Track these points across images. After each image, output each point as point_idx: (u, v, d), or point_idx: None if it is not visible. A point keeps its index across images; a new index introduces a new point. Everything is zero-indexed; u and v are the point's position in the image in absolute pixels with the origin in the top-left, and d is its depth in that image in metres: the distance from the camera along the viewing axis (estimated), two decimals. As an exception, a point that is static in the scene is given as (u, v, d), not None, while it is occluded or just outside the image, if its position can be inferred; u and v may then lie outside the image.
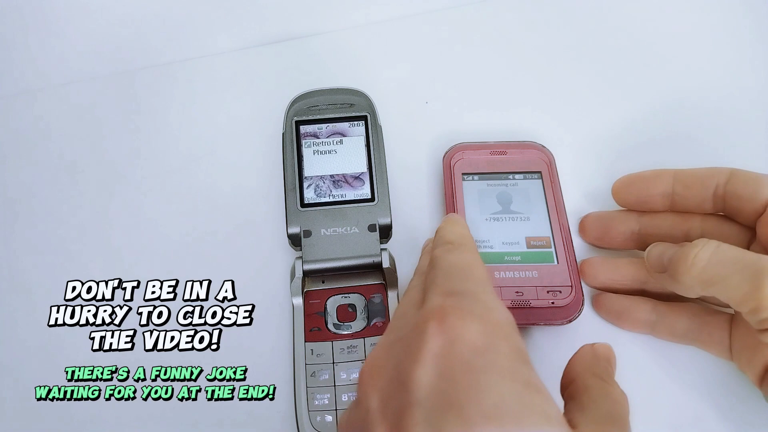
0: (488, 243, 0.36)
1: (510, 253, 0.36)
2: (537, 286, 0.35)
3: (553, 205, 0.37)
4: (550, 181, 0.38)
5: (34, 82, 0.47)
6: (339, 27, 0.48)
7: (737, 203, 0.32)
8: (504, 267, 0.36)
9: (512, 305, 0.34)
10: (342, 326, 0.34)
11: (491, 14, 0.48)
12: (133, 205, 0.41)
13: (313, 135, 0.38)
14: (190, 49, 0.48)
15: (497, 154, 0.40)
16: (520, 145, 0.40)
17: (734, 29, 0.47)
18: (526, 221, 0.37)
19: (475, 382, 0.21)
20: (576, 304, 0.34)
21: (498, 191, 0.38)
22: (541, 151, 0.40)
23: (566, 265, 0.35)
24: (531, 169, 0.39)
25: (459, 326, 0.23)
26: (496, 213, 0.37)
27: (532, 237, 0.36)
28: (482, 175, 0.39)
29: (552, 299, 0.34)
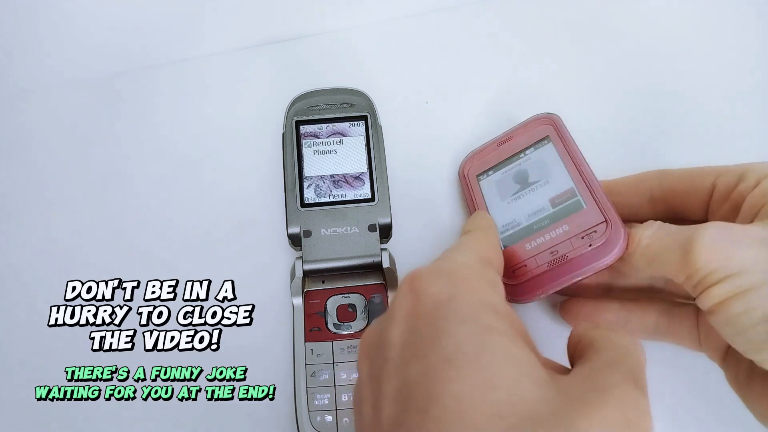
0: (515, 222, 0.36)
1: (537, 221, 0.35)
2: (570, 237, 0.33)
3: (567, 158, 0.36)
4: (560, 139, 0.37)
5: (34, 82, 0.47)
6: (339, 27, 0.48)
7: (680, 200, 0.32)
8: (534, 236, 0.34)
9: (549, 266, 0.33)
10: (342, 326, 0.34)
11: (491, 14, 0.48)
12: (134, 205, 0.41)
13: (313, 135, 0.38)
14: (190, 49, 0.48)
15: (503, 142, 0.39)
16: (522, 125, 0.39)
17: (749, 24, 0.47)
18: (546, 185, 0.36)
19: (437, 330, 0.22)
20: (615, 237, 0.32)
21: (514, 173, 0.38)
22: (544, 118, 0.38)
23: (594, 204, 0.33)
24: (537, 138, 0.38)
25: (425, 283, 0.24)
26: (515, 193, 0.37)
27: (556, 196, 0.35)
28: (495, 167, 0.39)
29: (588, 242, 0.32)
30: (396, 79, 0.45)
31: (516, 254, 0.34)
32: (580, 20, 0.47)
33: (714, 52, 0.45)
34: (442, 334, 0.22)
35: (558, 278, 0.32)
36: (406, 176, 0.41)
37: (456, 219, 0.40)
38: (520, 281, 0.33)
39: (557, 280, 0.32)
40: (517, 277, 0.33)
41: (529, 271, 0.33)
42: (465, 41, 0.47)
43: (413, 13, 0.48)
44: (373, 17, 0.48)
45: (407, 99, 0.44)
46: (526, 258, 0.34)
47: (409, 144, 0.42)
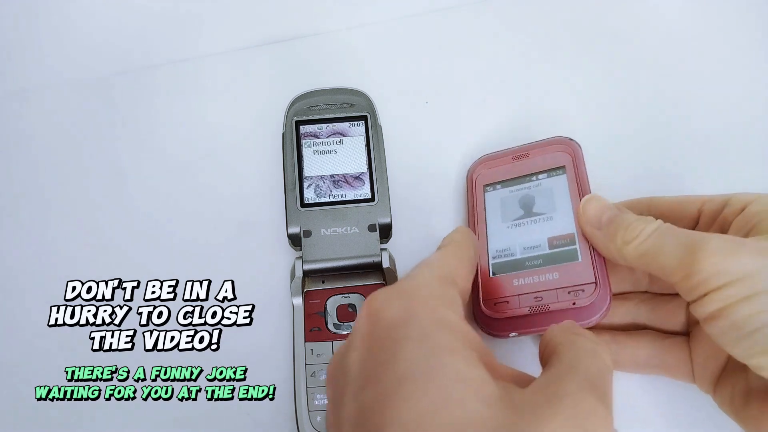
0: (509, 251, 0.35)
1: (531, 257, 0.34)
2: (557, 288, 0.32)
3: (577, 197, 0.34)
4: (575, 174, 0.35)
5: (34, 82, 0.47)
6: (339, 27, 0.48)
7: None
8: (523, 273, 0.33)
9: (531, 311, 0.32)
10: (342, 326, 0.34)
11: (492, 14, 0.48)
12: (134, 205, 0.41)
13: (313, 135, 0.38)
14: (190, 49, 0.48)
15: (519, 158, 0.38)
16: (543, 144, 0.37)
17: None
18: (548, 221, 0.35)
19: (390, 353, 0.22)
20: (601, 302, 0.31)
21: (520, 196, 0.36)
22: (566, 144, 0.37)
23: (590, 261, 0.32)
24: (554, 165, 0.36)
25: (381, 305, 0.24)
26: (517, 218, 0.36)
27: (555, 236, 0.34)
28: (504, 182, 0.37)
29: (573, 299, 0.32)
30: (396, 79, 0.45)
31: (502, 287, 0.33)
32: (580, 20, 0.47)
33: (722, 61, 0.45)
34: (394, 357, 0.22)
35: (535, 326, 0.32)
36: (406, 176, 0.41)
37: (456, 219, 0.40)
38: (498, 317, 0.33)
39: (534, 327, 0.32)
40: (497, 311, 0.33)
41: (510, 309, 0.33)
42: (465, 41, 0.47)
43: (413, 13, 0.48)
44: (373, 17, 0.48)
45: (407, 99, 0.44)
46: (510, 294, 0.33)
47: (409, 144, 0.42)
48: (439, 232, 0.39)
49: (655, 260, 0.28)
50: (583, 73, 0.45)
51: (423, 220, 0.40)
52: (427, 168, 0.42)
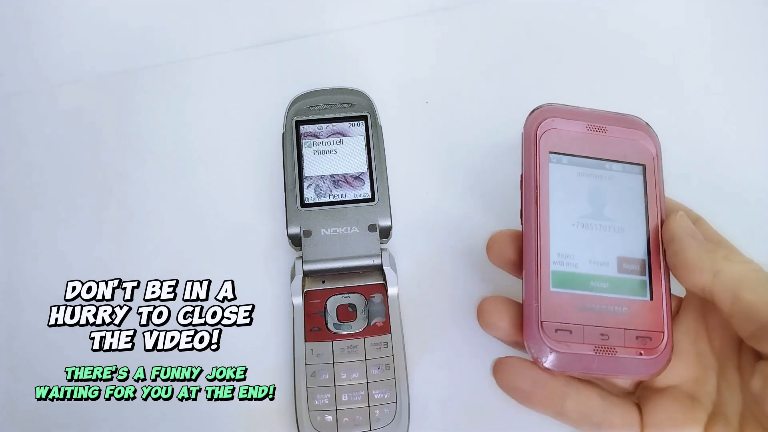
0: (572, 260, 0.29)
1: (597, 276, 0.28)
2: (626, 328, 0.28)
3: (655, 214, 0.29)
4: (654, 181, 0.30)
5: (34, 82, 0.47)
6: (339, 27, 0.48)
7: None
8: (589, 297, 0.28)
9: (595, 351, 0.27)
10: (342, 326, 0.34)
11: (492, 14, 0.48)
12: (133, 205, 0.41)
13: (313, 135, 0.38)
14: (190, 49, 0.48)
15: (595, 130, 0.30)
16: (621, 119, 0.31)
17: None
18: (619, 233, 0.29)
19: None
20: (665, 356, 0.28)
21: (590, 185, 0.30)
22: (646, 133, 0.31)
23: (662, 304, 0.28)
24: (633, 159, 0.30)
25: None
26: (585, 216, 0.29)
27: (625, 258, 0.29)
28: (573, 158, 0.30)
29: (641, 348, 0.27)
30: (396, 79, 0.45)
31: (566, 309, 0.28)
32: (581, 20, 0.47)
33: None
34: None
35: (596, 369, 0.27)
36: (405, 176, 0.41)
37: (456, 219, 0.40)
38: (559, 350, 0.27)
39: (594, 371, 0.27)
40: (558, 340, 0.27)
41: (572, 344, 0.27)
42: (465, 41, 0.47)
43: (413, 13, 0.48)
44: (373, 17, 0.48)
45: (407, 99, 0.44)
46: (574, 322, 0.28)
47: (409, 144, 0.42)
48: (439, 232, 0.39)
49: (759, 289, 0.25)
50: (584, 74, 0.45)
51: (423, 220, 0.40)
52: (427, 168, 0.42)
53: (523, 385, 0.28)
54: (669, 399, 0.29)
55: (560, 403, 0.28)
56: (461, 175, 0.41)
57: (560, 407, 0.28)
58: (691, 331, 0.29)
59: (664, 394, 0.29)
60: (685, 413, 0.28)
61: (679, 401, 0.28)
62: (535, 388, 0.28)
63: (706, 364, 0.29)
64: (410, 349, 0.35)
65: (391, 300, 0.35)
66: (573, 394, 0.28)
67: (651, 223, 0.29)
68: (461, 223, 0.39)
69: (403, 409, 0.32)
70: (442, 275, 0.38)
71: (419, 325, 0.36)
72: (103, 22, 0.48)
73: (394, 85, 0.45)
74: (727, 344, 0.28)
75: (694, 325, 0.30)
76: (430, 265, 0.39)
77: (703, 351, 0.29)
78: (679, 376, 0.29)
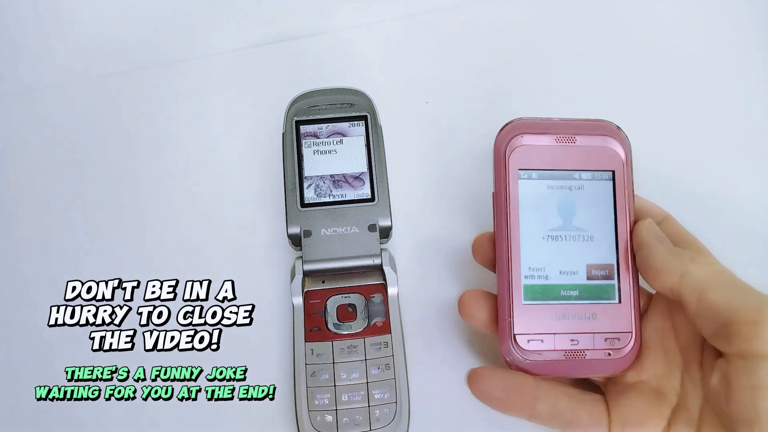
0: (543, 272, 0.30)
1: (567, 286, 0.30)
2: (595, 332, 0.29)
3: (624, 219, 0.30)
4: (624, 187, 0.31)
5: (34, 82, 0.47)
6: (339, 27, 0.48)
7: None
8: (560, 307, 0.30)
9: (565, 357, 0.29)
10: (342, 326, 0.34)
11: (492, 14, 0.48)
12: (133, 205, 0.41)
13: (313, 135, 0.38)
14: (190, 49, 0.48)
15: (564, 141, 0.31)
16: (591, 126, 0.31)
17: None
18: (588, 242, 0.30)
19: None
20: (633, 354, 0.30)
21: (560, 197, 0.31)
22: (616, 137, 0.31)
23: (629, 305, 0.30)
24: (602, 166, 0.31)
25: None
26: (555, 229, 0.31)
27: (594, 264, 0.30)
28: (543, 172, 0.31)
29: (609, 348, 0.29)
30: (396, 79, 0.45)
31: (537, 320, 0.30)
32: (581, 20, 0.47)
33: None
34: None
35: (567, 372, 0.30)
36: (406, 176, 0.41)
37: (456, 218, 0.40)
38: (532, 359, 0.30)
39: (565, 373, 0.30)
40: (530, 352, 0.30)
41: (545, 352, 0.30)
42: (465, 41, 0.47)
43: (413, 12, 0.48)
44: (373, 17, 0.48)
45: (407, 99, 0.44)
46: (546, 331, 0.30)
47: (409, 144, 0.42)
48: (439, 233, 0.39)
49: (723, 291, 0.26)
50: (584, 74, 0.45)
51: (423, 220, 0.40)
52: (427, 168, 0.42)
53: (497, 393, 0.30)
54: (636, 393, 0.30)
55: (531, 406, 0.30)
56: (461, 175, 0.41)
57: (532, 410, 0.30)
58: (659, 329, 0.31)
59: (631, 389, 0.30)
60: (650, 407, 0.29)
61: (645, 395, 0.30)
62: (508, 394, 0.30)
63: (672, 360, 0.30)
64: (410, 349, 0.35)
65: (391, 300, 0.35)
66: (543, 397, 0.30)
67: (620, 228, 0.30)
68: (461, 222, 0.39)
69: (403, 409, 0.32)
70: (442, 275, 0.38)
71: (419, 325, 0.36)
72: (103, 23, 0.48)
73: (394, 85, 0.45)
74: (691, 342, 0.29)
75: (661, 323, 0.31)
76: (429, 265, 0.39)
77: (669, 348, 0.30)
78: (646, 371, 0.30)
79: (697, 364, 0.29)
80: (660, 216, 0.32)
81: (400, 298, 0.35)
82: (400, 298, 0.35)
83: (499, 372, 0.30)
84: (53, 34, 0.48)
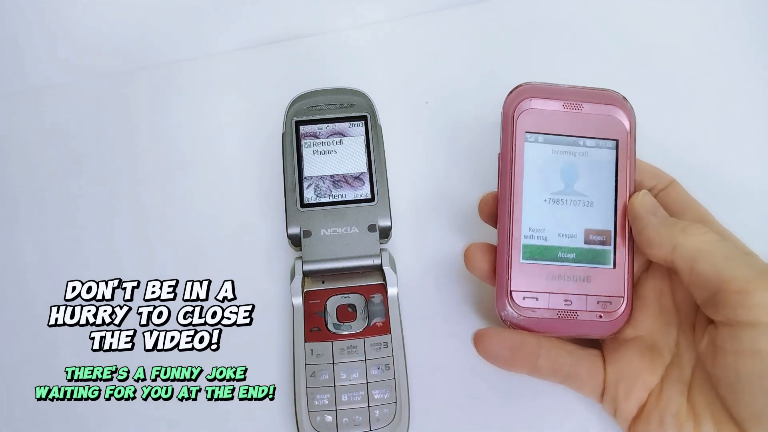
0: (542, 233, 0.31)
1: (565, 248, 0.31)
2: (588, 294, 0.31)
3: (624, 188, 0.31)
4: (626, 156, 0.31)
5: (34, 81, 0.47)
6: (339, 27, 0.48)
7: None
8: (555, 267, 0.31)
9: (558, 316, 0.31)
10: (342, 326, 0.34)
11: (492, 14, 0.48)
12: (133, 205, 0.41)
13: (313, 135, 0.38)
14: (190, 49, 0.48)
15: (571, 107, 0.32)
16: (598, 94, 0.32)
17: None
18: (588, 207, 0.31)
19: None
20: (623, 318, 0.31)
21: (564, 162, 0.32)
22: (622, 107, 0.32)
23: (624, 271, 0.31)
24: (607, 135, 0.32)
25: None
26: (556, 193, 0.31)
27: (592, 230, 0.31)
28: (549, 137, 0.32)
29: (600, 311, 0.31)
30: (396, 79, 0.45)
31: (534, 279, 0.31)
32: (581, 19, 0.47)
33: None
34: None
35: (558, 330, 0.31)
36: (405, 176, 0.41)
37: (455, 218, 0.40)
38: (525, 315, 0.31)
39: (557, 331, 0.31)
40: (525, 307, 0.31)
41: (538, 310, 0.31)
42: (465, 41, 0.47)
43: (413, 12, 0.48)
44: (373, 17, 0.48)
45: (407, 99, 0.44)
46: (541, 290, 0.31)
47: (409, 144, 0.42)
48: (439, 232, 0.39)
49: (713, 261, 0.27)
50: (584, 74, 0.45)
51: (423, 220, 0.40)
52: (427, 168, 0.42)
53: (502, 351, 0.31)
54: (631, 349, 0.31)
55: (533, 363, 0.31)
56: (461, 175, 0.41)
57: (534, 366, 0.31)
58: (657, 288, 0.32)
59: (627, 345, 0.31)
60: (645, 362, 0.31)
61: (640, 351, 0.31)
62: (513, 353, 0.31)
63: (668, 319, 0.31)
64: (410, 349, 0.35)
65: (390, 300, 0.35)
66: (544, 354, 0.31)
67: (620, 196, 0.31)
68: (461, 222, 0.39)
69: (403, 409, 0.32)
70: (442, 275, 0.38)
71: (419, 325, 0.36)
72: (102, 23, 0.48)
73: (394, 85, 0.45)
74: (687, 305, 0.31)
75: (660, 283, 0.32)
76: (429, 265, 0.39)
77: (666, 307, 0.31)
78: (642, 327, 0.32)
79: (691, 326, 0.30)
80: (666, 181, 0.33)
81: (400, 298, 0.35)
82: (400, 298, 0.35)
83: (503, 332, 0.32)
84: (54, 34, 0.48)
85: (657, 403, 0.30)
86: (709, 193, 0.33)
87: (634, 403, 0.30)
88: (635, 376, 0.30)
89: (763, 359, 0.25)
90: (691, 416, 0.28)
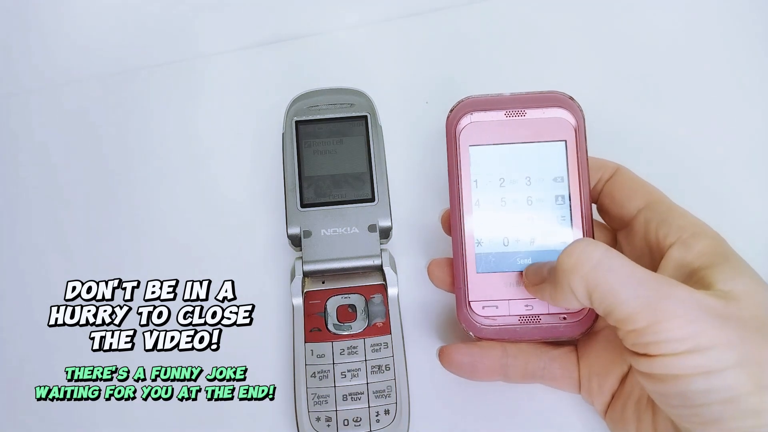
0: (495, 241, 0.31)
1: (519, 253, 0.31)
2: None
3: (576, 188, 0.31)
4: (576, 155, 0.31)
5: (34, 82, 0.47)
6: (339, 27, 0.48)
7: (609, 203, 0.32)
8: (513, 274, 0.31)
9: (520, 321, 0.31)
10: (342, 327, 0.34)
11: (492, 13, 0.48)
12: (133, 205, 0.41)
13: (313, 135, 0.38)
14: (190, 49, 0.48)
15: (514, 115, 0.32)
16: (541, 98, 0.32)
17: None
18: (540, 210, 0.31)
19: None
20: (589, 319, 0.30)
21: (512, 170, 0.32)
22: (568, 108, 0.32)
23: None
24: (553, 137, 0.31)
25: None
26: (507, 200, 0.32)
27: (546, 231, 0.31)
28: (494, 147, 0.32)
29: (564, 313, 0.30)
30: (396, 79, 0.45)
31: (491, 287, 0.31)
32: (581, 19, 0.47)
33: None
34: None
35: (523, 336, 0.31)
36: (405, 176, 0.41)
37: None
38: (487, 324, 0.31)
39: (522, 337, 0.31)
40: (485, 316, 0.31)
41: (499, 317, 0.31)
42: (465, 41, 0.47)
43: (413, 12, 0.48)
44: (373, 17, 0.48)
45: (407, 99, 0.44)
46: (500, 298, 0.31)
47: (409, 144, 0.42)
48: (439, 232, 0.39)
49: (604, 300, 0.25)
50: (585, 74, 0.45)
51: (423, 220, 0.40)
52: (427, 168, 0.42)
53: (464, 365, 0.32)
54: (602, 341, 0.31)
55: (503, 371, 0.31)
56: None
57: (505, 374, 0.31)
58: None
59: (598, 336, 0.31)
60: (614, 354, 0.30)
61: (610, 343, 0.31)
62: (475, 361, 0.31)
63: None
64: (410, 349, 0.35)
65: (391, 300, 0.35)
66: (511, 360, 0.31)
67: (573, 197, 0.31)
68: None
69: (403, 409, 0.32)
70: (442, 275, 0.38)
71: (419, 325, 0.36)
72: (103, 23, 0.48)
73: (394, 85, 0.45)
74: None
75: None
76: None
77: None
78: None
79: None
80: (611, 169, 0.33)
81: (400, 299, 0.35)
82: (400, 299, 0.35)
83: (463, 346, 0.32)
84: (53, 34, 0.48)
85: (622, 391, 0.30)
86: (697, 191, 0.34)
87: (608, 393, 0.30)
88: (606, 368, 0.30)
89: (674, 384, 0.24)
90: (650, 404, 0.28)
